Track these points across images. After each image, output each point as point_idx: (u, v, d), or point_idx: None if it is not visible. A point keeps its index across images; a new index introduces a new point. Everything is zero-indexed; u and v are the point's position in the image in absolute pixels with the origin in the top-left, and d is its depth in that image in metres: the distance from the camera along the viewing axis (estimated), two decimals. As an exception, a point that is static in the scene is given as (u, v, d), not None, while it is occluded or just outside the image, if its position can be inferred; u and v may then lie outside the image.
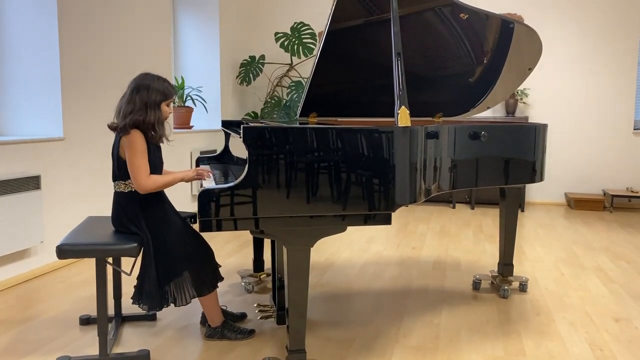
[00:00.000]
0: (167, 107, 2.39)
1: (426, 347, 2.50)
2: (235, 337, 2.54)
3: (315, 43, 6.14)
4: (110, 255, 2.29)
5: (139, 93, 2.30)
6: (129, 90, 2.34)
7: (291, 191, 2.05)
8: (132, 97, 2.30)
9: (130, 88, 2.34)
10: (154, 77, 2.36)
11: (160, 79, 2.37)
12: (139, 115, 2.28)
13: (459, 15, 3.03)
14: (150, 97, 2.30)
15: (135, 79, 2.36)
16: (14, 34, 3.66)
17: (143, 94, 2.30)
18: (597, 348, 2.50)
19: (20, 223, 3.29)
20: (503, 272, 3.31)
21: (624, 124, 6.21)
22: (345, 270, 3.71)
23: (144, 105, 2.29)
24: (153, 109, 2.31)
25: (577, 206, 6.12)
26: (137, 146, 2.26)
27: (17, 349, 2.45)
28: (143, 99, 2.30)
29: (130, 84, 2.35)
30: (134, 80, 2.36)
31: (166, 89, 2.36)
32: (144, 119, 2.29)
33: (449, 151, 2.55)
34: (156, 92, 2.32)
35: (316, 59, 2.83)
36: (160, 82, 2.35)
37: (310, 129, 2.08)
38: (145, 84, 2.32)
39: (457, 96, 3.52)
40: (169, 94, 2.37)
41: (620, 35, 6.11)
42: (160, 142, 2.42)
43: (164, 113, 2.38)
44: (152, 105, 2.30)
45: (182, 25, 6.04)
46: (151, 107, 2.30)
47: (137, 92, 2.31)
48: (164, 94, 2.35)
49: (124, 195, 2.37)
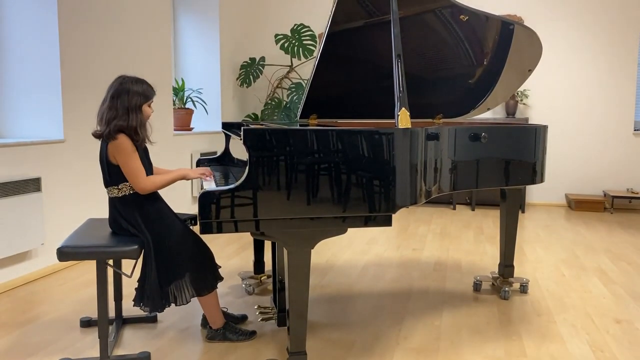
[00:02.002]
0: (148, 108, 2.38)
1: (427, 348, 2.50)
2: (237, 338, 2.54)
3: (315, 45, 6.15)
4: (110, 258, 2.29)
5: (119, 98, 2.29)
6: (108, 95, 2.32)
7: (292, 193, 2.05)
8: (113, 103, 2.29)
9: (109, 93, 2.32)
10: (132, 80, 2.34)
11: (138, 81, 2.36)
12: (122, 121, 2.27)
13: (459, 17, 3.03)
14: (132, 101, 2.29)
15: (113, 83, 2.34)
16: (15, 36, 3.66)
17: (124, 98, 2.29)
18: (598, 349, 2.50)
19: (20, 225, 3.29)
20: (504, 274, 3.31)
21: (624, 125, 6.21)
22: (346, 271, 3.71)
23: (126, 110, 2.28)
24: (135, 112, 2.30)
25: (577, 207, 6.12)
26: (128, 150, 2.27)
27: (17, 351, 2.45)
28: (124, 103, 2.28)
29: (108, 89, 2.33)
30: (112, 85, 2.34)
31: (146, 90, 2.35)
32: (127, 124, 2.28)
33: (450, 152, 2.55)
34: (137, 95, 2.31)
35: (316, 61, 2.83)
36: (139, 85, 2.34)
37: (311, 130, 2.08)
38: (125, 88, 2.30)
39: (458, 97, 3.53)
40: (149, 95, 2.37)
41: (621, 36, 6.11)
42: (144, 144, 2.41)
43: (146, 114, 2.37)
44: (133, 108, 2.29)
45: (183, 27, 6.05)
46: (133, 110, 2.29)
47: (117, 98, 2.29)
48: (144, 95, 2.34)
49: (118, 200, 2.38)
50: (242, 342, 2.54)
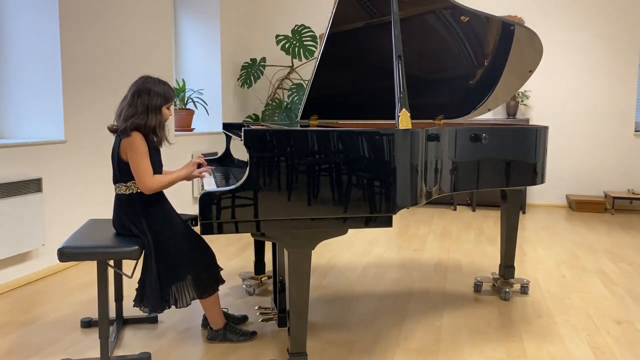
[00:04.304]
0: (167, 111, 2.41)
1: (427, 349, 2.50)
2: (237, 339, 2.54)
3: (316, 45, 6.15)
4: (111, 258, 2.29)
5: (140, 97, 2.32)
6: (129, 93, 2.35)
7: (292, 194, 2.05)
8: (134, 100, 2.32)
9: (131, 91, 2.35)
10: (154, 81, 2.37)
11: (160, 82, 2.39)
12: (141, 119, 2.30)
13: (460, 18, 3.03)
14: (152, 101, 2.32)
15: (137, 82, 2.37)
16: (16, 37, 3.67)
17: (144, 97, 2.31)
18: (598, 350, 2.50)
19: (21, 226, 3.29)
20: (504, 275, 3.31)
21: (625, 126, 6.20)
22: (347, 272, 3.71)
23: (146, 109, 2.31)
24: (154, 112, 2.33)
25: (578, 208, 6.11)
26: (140, 148, 2.28)
27: (18, 351, 2.45)
28: (144, 102, 2.31)
29: (131, 87, 2.37)
30: (134, 83, 2.37)
31: (167, 92, 2.38)
32: (146, 123, 2.30)
33: (450, 153, 2.55)
34: (157, 96, 2.34)
35: (317, 62, 2.83)
36: (161, 86, 2.37)
37: (311, 131, 2.08)
38: (147, 88, 2.33)
39: (458, 98, 3.53)
40: (169, 97, 2.39)
41: (622, 37, 6.11)
42: (161, 145, 2.43)
43: (164, 116, 2.39)
44: (153, 109, 2.32)
45: (183, 28, 6.06)
46: (152, 110, 2.32)
47: (138, 96, 2.32)
48: (164, 97, 2.37)
49: (125, 198, 2.38)
50: (242, 342, 2.54)
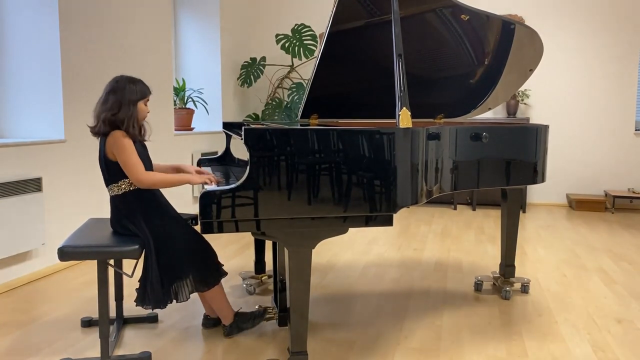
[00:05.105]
0: (144, 107, 2.41)
1: (428, 348, 2.50)
2: (252, 324, 2.60)
3: (316, 45, 6.14)
4: (111, 257, 2.29)
5: (115, 94, 2.33)
6: (104, 93, 2.36)
7: (292, 193, 2.05)
8: (107, 98, 2.33)
9: (105, 91, 2.36)
10: (128, 79, 2.38)
11: (134, 80, 2.39)
12: (112, 113, 2.29)
13: (460, 17, 3.03)
14: (125, 97, 2.32)
15: (110, 82, 2.38)
16: (16, 36, 3.66)
17: (118, 94, 2.32)
18: (599, 349, 2.50)
19: (21, 225, 3.29)
20: (505, 274, 3.31)
21: (625, 125, 6.20)
22: (347, 271, 3.71)
23: (119, 104, 2.31)
24: (128, 106, 2.32)
25: (578, 207, 6.11)
26: (124, 143, 2.28)
27: (18, 351, 2.45)
28: (118, 99, 2.32)
29: (105, 88, 2.37)
30: (109, 83, 2.38)
31: (141, 88, 2.39)
32: (117, 116, 2.29)
33: (451, 152, 2.54)
34: (131, 92, 2.34)
35: (317, 61, 2.83)
36: (134, 83, 2.38)
37: (311, 130, 2.08)
38: (120, 86, 2.34)
39: (459, 97, 3.52)
40: (144, 92, 2.40)
41: (622, 36, 6.10)
42: (141, 138, 2.42)
43: (142, 112, 2.39)
44: (126, 103, 2.32)
45: (183, 27, 6.05)
46: (125, 104, 2.32)
47: (113, 94, 2.33)
48: (138, 92, 2.37)
49: (119, 198, 2.38)
50: (258, 324, 2.60)
